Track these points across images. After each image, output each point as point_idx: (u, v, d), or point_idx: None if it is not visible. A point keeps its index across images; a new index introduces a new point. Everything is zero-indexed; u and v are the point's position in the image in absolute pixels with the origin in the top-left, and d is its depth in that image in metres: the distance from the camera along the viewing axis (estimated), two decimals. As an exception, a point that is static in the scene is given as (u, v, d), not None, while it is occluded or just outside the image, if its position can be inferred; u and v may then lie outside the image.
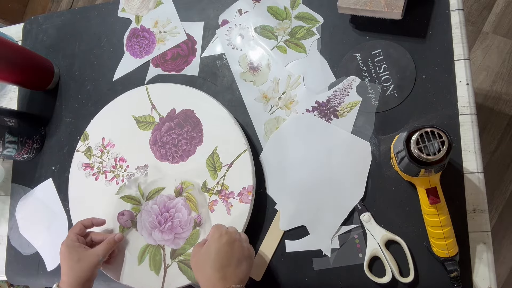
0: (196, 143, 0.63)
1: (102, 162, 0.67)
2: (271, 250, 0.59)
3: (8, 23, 2.02)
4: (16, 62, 0.69)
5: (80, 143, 0.70)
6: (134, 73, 0.72)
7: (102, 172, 0.67)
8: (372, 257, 0.54)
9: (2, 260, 0.75)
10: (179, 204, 0.62)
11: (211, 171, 0.61)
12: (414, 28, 0.58)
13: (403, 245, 0.53)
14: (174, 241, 0.61)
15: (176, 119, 0.64)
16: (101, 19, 0.76)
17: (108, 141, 0.68)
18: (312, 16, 0.63)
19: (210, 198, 0.60)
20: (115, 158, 0.67)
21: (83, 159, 0.69)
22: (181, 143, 0.63)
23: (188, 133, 0.63)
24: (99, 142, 0.68)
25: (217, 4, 0.69)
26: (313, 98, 0.61)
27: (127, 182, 0.65)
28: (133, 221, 0.64)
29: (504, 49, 1.31)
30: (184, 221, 0.61)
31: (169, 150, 0.64)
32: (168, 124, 0.65)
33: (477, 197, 0.52)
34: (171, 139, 0.64)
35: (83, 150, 0.69)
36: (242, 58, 0.66)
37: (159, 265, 0.61)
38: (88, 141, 0.69)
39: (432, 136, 0.42)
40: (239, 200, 0.58)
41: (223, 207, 0.59)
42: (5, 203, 0.77)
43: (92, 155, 0.68)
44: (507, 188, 1.26)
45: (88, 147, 0.69)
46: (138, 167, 0.65)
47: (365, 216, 0.55)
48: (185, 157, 0.63)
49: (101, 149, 0.68)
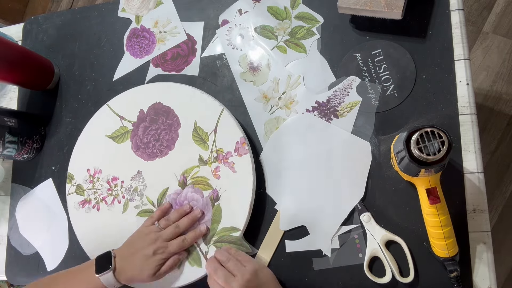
0: (176, 127, 0.64)
1: (96, 191, 0.67)
2: (271, 250, 0.59)
3: (8, 23, 2.02)
4: (16, 62, 0.69)
5: (68, 186, 0.69)
6: (134, 73, 0.72)
7: (101, 200, 0.66)
8: (372, 257, 0.54)
9: (2, 260, 0.75)
10: (188, 193, 0.62)
11: (201, 144, 0.62)
12: (414, 28, 0.58)
13: (403, 245, 0.53)
14: (200, 227, 0.60)
15: (148, 117, 0.66)
16: (101, 19, 0.76)
17: (93, 170, 0.68)
18: (312, 16, 0.63)
19: (211, 167, 0.61)
20: (107, 181, 0.67)
21: (77, 198, 0.68)
22: (162, 134, 0.64)
23: (164, 123, 0.64)
24: (85, 175, 0.68)
25: (217, 4, 0.69)
26: (313, 98, 0.61)
27: (128, 196, 0.65)
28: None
29: (504, 49, 1.31)
30: (201, 205, 0.61)
31: (153, 147, 0.65)
32: (142, 125, 0.66)
33: (477, 197, 0.52)
34: (151, 137, 0.65)
35: (74, 191, 0.69)
36: (242, 58, 0.66)
37: (198, 258, 0.60)
38: (74, 180, 0.69)
39: (432, 136, 0.42)
40: (237, 155, 0.59)
41: (226, 169, 0.60)
42: (5, 203, 0.77)
43: (84, 191, 0.68)
44: (507, 188, 1.26)
45: (77, 185, 0.68)
46: (133, 177, 0.65)
47: (365, 216, 0.55)
48: (171, 145, 0.64)
49: (90, 180, 0.68)
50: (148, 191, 0.64)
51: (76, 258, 0.69)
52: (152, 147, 0.65)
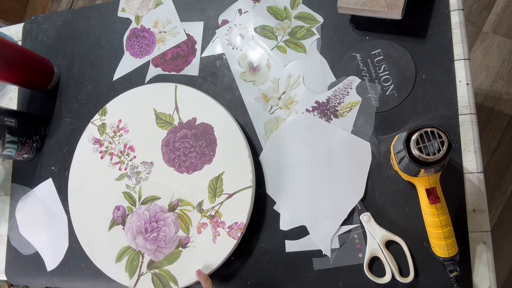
0: (206, 160, 0.61)
1: (112, 143, 0.66)
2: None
3: (8, 23, 2.02)
4: (16, 62, 0.69)
5: (97, 117, 0.68)
6: (134, 73, 0.72)
7: (109, 153, 0.66)
8: (372, 257, 0.54)
9: (2, 260, 0.75)
10: (169, 219, 0.61)
11: (210, 194, 0.60)
12: (414, 28, 0.58)
13: (403, 245, 0.53)
14: (155, 253, 0.61)
15: (194, 129, 0.62)
16: (101, 19, 0.76)
17: (124, 125, 0.66)
18: (312, 16, 0.63)
19: (201, 219, 0.60)
20: (125, 144, 0.65)
21: (95, 133, 0.68)
22: (192, 155, 0.62)
23: (201, 148, 0.61)
24: (114, 122, 0.67)
25: (217, 4, 0.69)
26: (313, 98, 0.61)
27: (129, 172, 0.64)
28: (124, 219, 0.64)
29: (504, 49, 1.31)
30: (169, 238, 0.61)
31: (178, 157, 0.63)
32: (185, 131, 0.63)
33: (477, 197, 0.52)
34: (183, 147, 0.62)
35: (98, 124, 0.68)
36: (242, 58, 0.66)
37: (134, 270, 0.61)
38: (105, 117, 0.67)
39: (432, 136, 0.42)
40: (227, 233, 0.58)
41: (210, 233, 0.59)
42: (5, 203, 0.77)
43: (104, 133, 0.67)
44: (507, 188, 1.26)
45: (103, 123, 0.67)
46: (144, 162, 0.64)
47: (365, 216, 0.55)
48: (190, 170, 0.62)
49: (114, 130, 0.66)
50: (145, 184, 0.64)
51: (76, 258, 0.69)
52: (176, 156, 0.63)
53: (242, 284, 0.60)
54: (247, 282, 0.60)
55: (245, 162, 0.59)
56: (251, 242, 0.60)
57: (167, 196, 0.62)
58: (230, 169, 0.60)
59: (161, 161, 0.64)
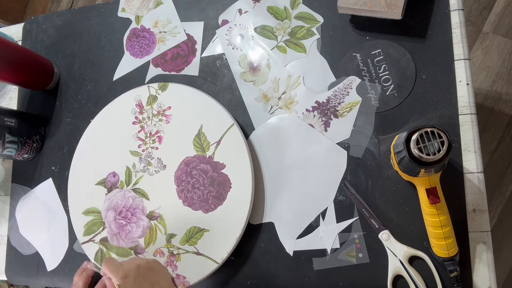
0: (203, 208, 0.59)
1: (150, 119, 0.63)
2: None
3: (8, 23, 2.02)
4: (16, 62, 0.69)
5: (155, 86, 0.64)
6: (134, 73, 0.72)
7: (141, 126, 0.64)
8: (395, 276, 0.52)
9: (2, 260, 0.75)
10: (142, 222, 0.62)
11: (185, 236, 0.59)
12: (414, 28, 0.58)
13: (427, 260, 0.51)
14: (114, 236, 0.63)
15: (216, 173, 0.59)
16: (101, 19, 0.76)
17: (170, 113, 0.62)
18: (312, 16, 0.63)
19: (163, 247, 0.60)
20: (157, 130, 0.63)
21: (144, 98, 0.64)
22: (197, 192, 0.59)
23: (208, 194, 0.59)
24: (165, 104, 0.63)
25: (217, 4, 0.69)
26: (313, 98, 0.61)
27: (144, 156, 0.63)
28: (112, 188, 0.65)
29: (504, 49, 1.32)
30: (130, 236, 0.62)
31: (186, 183, 0.60)
32: (209, 168, 0.59)
33: (477, 197, 0.52)
34: (196, 180, 0.60)
35: (152, 93, 0.64)
36: (242, 58, 0.66)
37: (90, 232, 0.64)
38: (161, 94, 0.63)
39: (432, 136, 0.42)
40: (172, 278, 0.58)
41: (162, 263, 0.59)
42: (5, 203, 0.77)
43: (151, 105, 0.64)
44: (507, 188, 1.26)
45: (157, 96, 0.64)
46: (160, 160, 0.62)
47: (384, 235, 0.54)
48: (186, 203, 0.60)
49: (159, 111, 0.63)
50: (147, 177, 0.63)
51: (76, 258, 0.69)
52: (185, 181, 0.60)
53: (242, 284, 0.60)
54: (247, 282, 0.60)
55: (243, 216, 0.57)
56: (251, 242, 0.60)
57: (155, 205, 0.62)
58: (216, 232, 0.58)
59: (173, 171, 0.62)
